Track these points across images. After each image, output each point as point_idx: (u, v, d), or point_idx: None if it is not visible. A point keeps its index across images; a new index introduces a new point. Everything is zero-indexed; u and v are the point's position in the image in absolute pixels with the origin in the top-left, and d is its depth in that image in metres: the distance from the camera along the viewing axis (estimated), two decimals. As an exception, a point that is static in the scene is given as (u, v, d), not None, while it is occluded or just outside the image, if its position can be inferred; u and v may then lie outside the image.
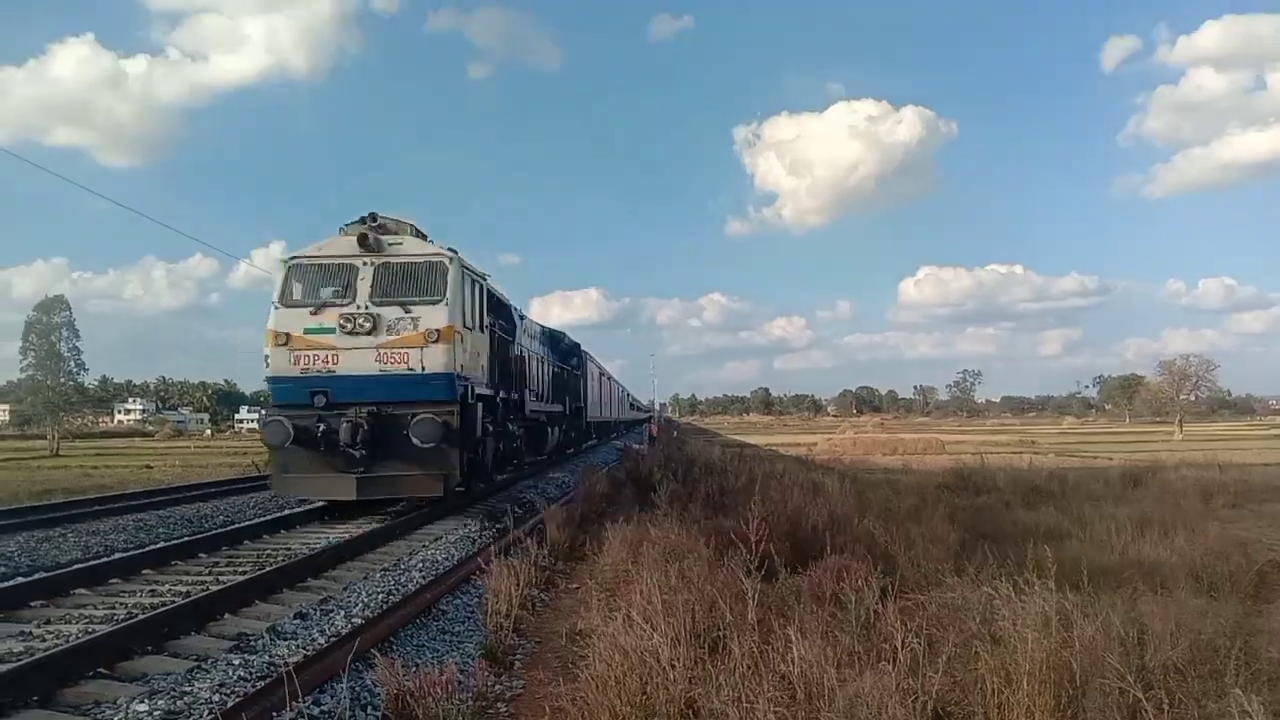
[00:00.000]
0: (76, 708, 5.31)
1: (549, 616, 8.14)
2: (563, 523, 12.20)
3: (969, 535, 11.79)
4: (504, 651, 6.93)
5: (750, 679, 4.81)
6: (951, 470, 24.12)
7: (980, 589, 6.98)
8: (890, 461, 36.80)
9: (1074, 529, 12.81)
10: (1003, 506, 17.14)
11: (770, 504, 12.01)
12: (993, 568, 8.60)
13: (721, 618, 6.44)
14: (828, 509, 11.36)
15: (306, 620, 7.41)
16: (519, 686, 6.22)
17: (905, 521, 11.76)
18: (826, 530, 10.52)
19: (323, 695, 5.43)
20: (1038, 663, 4.65)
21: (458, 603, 8.33)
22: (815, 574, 8.66)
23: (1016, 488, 20.21)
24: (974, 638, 5.41)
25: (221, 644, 6.68)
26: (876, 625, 5.97)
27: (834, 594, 7.51)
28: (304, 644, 6.73)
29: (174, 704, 5.27)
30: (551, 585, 9.39)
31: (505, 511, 14.58)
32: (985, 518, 14.66)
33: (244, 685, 5.69)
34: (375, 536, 11.72)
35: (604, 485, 17.77)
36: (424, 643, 7.00)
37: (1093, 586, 8.40)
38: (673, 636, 5.49)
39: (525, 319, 23.06)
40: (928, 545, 9.61)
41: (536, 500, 17.25)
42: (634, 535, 10.22)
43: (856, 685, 4.50)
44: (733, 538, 9.81)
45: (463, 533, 12.71)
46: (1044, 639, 4.90)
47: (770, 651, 5.29)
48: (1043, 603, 5.63)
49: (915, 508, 14.51)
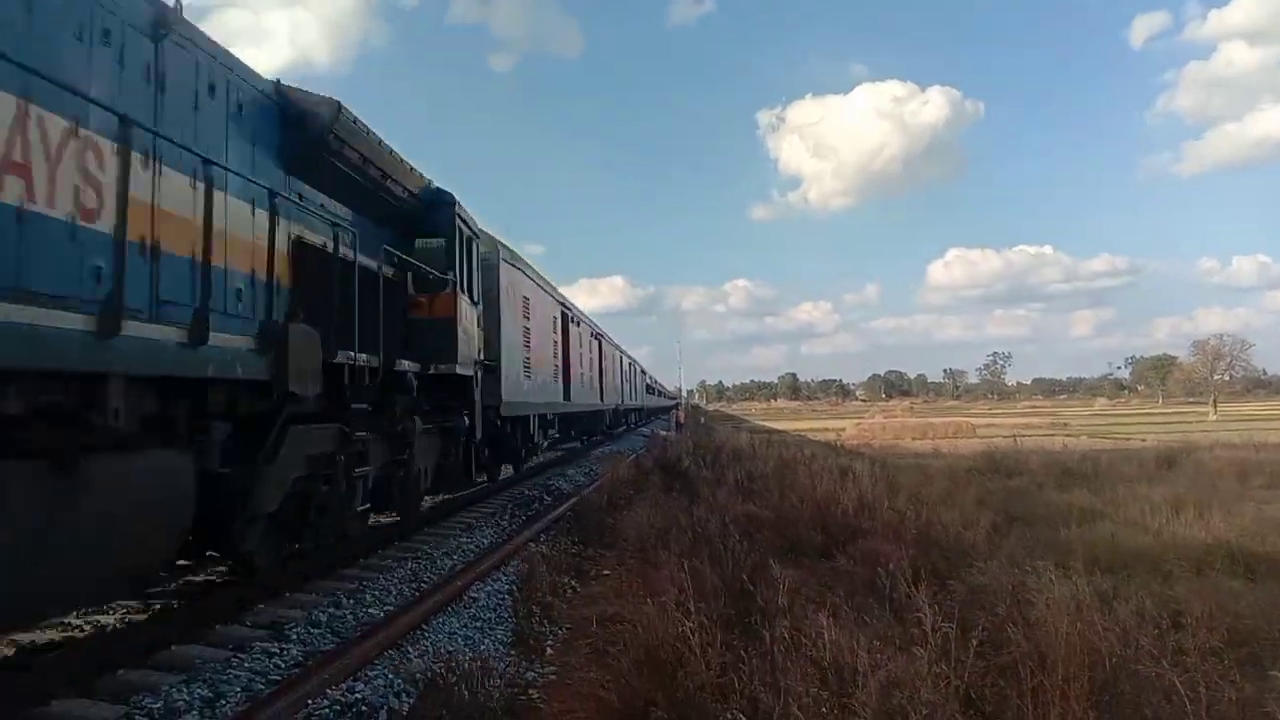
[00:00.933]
0: (116, 696, 5.39)
1: (579, 603, 8.15)
2: (591, 509, 12.25)
3: (1001, 518, 11.72)
4: (535, 638, 6.96)
5: (782, 663, 4.81)
6: (982, 454, 23.93)
7: (1012, 572, 6.95)
8: (920, 446, 36.54)
9: (1107, 511, 12.68)
10: (1035, 489, 16.99)
11: (799, 489, 12.00)
12: (1025, 550, 8.54)
13: (752, 602, 6.45)
14: (857, 493, 11.31)
15: (340, 608, 7.48)
16: (551, 672, 6.24)
17: (936, 505, 11.70)
18: (856, 515, 10.50)
19: (356, 683, 5.48)
20: (1072, 646, 4.61)
21: (488, 589, 8.37)
22: (846, 558, 8.65)
23: (1048, 470, 20.01)
24: (1006, 621, 5.37)
25: (256, 633, 6.75)
26: (907, 609, 5.94)
27: (864, 578, 7.49)
28: (337, 632, 6.80)
29: (211, 691, 5.35)
30: (581, 572, 9.41)
31: (535, 499, 14.67)
32: (1017, 500, 14.54)
33: (279, 673, 5.77)
34: (403, 527, 11.77)
35: (631, 472, 17.79)
36: (455, 630, 7.04)
37: (1127, 569, 8.33)
38: (703, 621, 5.49)
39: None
40: (959, 529, 9.55)
41: (565, 487, 17.31)
42: (663, 521, 10.24)
43: (889, 669, 4.48)
44: (762, 522, 9.82)
45: (493, 520, 12.77)
46: (1077, 622, 4.86)
47: (801, 636, 5.28)
48: (1076, 586, 5.58)
49: (946, 491, 14.44)
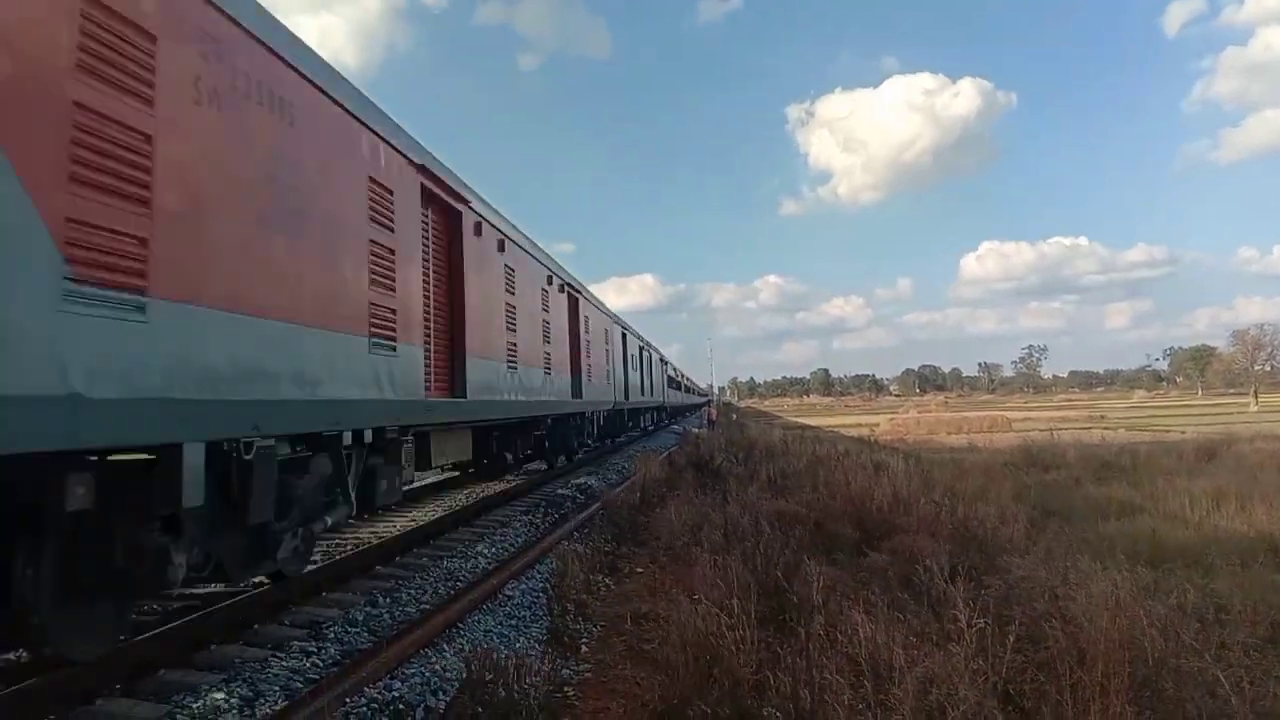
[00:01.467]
0: (158, 695, 5.47)
1: (613, 600, 8.16)
2: (623, 507, 12.26)
3: (1037, 512, 11.62)
4: (570, 635, 6.98)
5: (818, 660, 4.79)
6: (1019, 448, 23.76)
7: (1050, 567, 6.88)
8: (955, 440, 36.29)
9: (1147, 505, 12.53)
10: (1072, 483, 16.83)
11: (833, 485, 11.95)
12: (1063, 545, 8.46)
13: (786, 599, 6.43)
14: (892, 489, 11.24)
15: (377, 607, 7.54)
16: (586, 670, 6.26)
17: (972, 500, 11.61)
18: (891, 510, 10.44)
19: (393, 681, 5.53)
20: (1111, 641, 4.57)
21: (523, 588, 8.40)
22: (881, 554, 8.60)
23: (1086, 464, 19.83)
24: (1044, 617, 5.33)
25: (294, 632, 6.83)
26: (944, 605, 5.90)
27: (900, 574, 7.45)
28: (375, 630, 6.87)
29: (250, 690, 5.42)
30: (615, 569, 9.43)
31: (567, 498, 14.70)
32: (1054, 495, 14.42)
33: (316, 671, 5.84)
34: (442, 523, 11.86)
35: (663, 470, 17.78)
36: (491, 628, 7.08)
37: (1167, 563, 8.22)
38: (738, 618, 5.49)
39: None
40: (996, 524, 9.47)
41: (597, 486, 17.33)
42: (695, 518, 10.23)
43: (926, 665, 4.45)
44: (796, 519, 9.78)
45: (526, 519, 12.82)
46: (1117, 617, 4.81)
47: (837, 633, 5.26)
48: (1115, 580, 5.52)
49: (982, 486, 14.32)
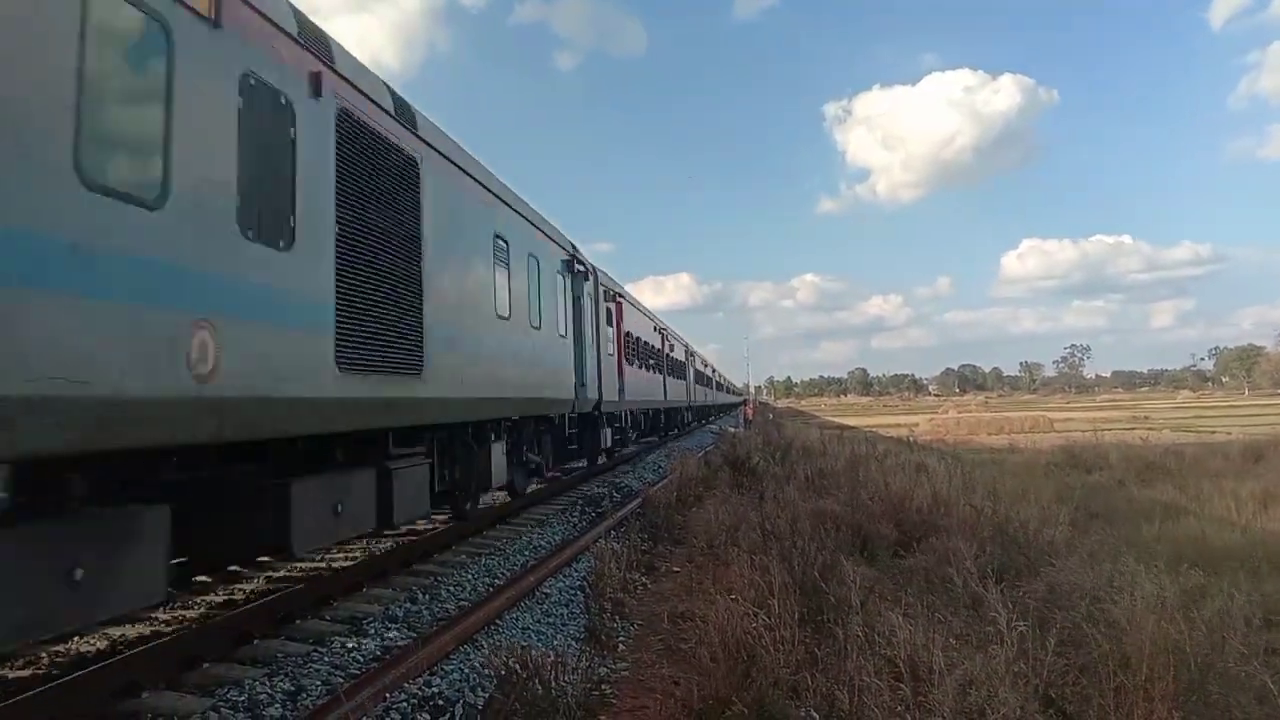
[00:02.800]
0: (202, 689, 5.57)
1: (650, 599, 8.17)
2: (660, 506, 12.26)
3: (1080, 514, 11.47)
4: (607, 634, 7.00)
5: (856, 661, 4.77)
6: (1061, 448, 23.47)
7: (1093, 569, 6.79)
8: (996, 441, 35.89)
9: (1192, 507, 12.33)
10: (1115, 484, 16.60)
11: (871, 485, 11.88)
12: (1106, 548, 8.35)
13: (824, 599, 6.40)
14: (931, 489, 11.15)
15: (416, 603, 7.62)
16: (623, 669, 6.27)
17: (1013, 501, 11.48)
18: (931, 511, 10.36)
19: (433, 677, 5.58)
20: (1156, 645, 4.50)
21: (560, 585, 8.44)
22: (920, 555, 8.54)
23: (1130, 465, 19.54)
24: (1086, 619, 5.26)
25: (335, 628, 6.92)
26: (984, 607, 5.84)
27: (940, 575, 7.40)
28: (414, 627, 6.93)
29: (292, 684, 5.50)
30: (651, 569, 9.43)
31: (604, 496, 14.74)
32: (1097, 496, 14.24)
33: (357, 667, 5.90)
34: (480, 523, 11.91)
35: (700, 469, 17.74)
36: (529, 625, 7.12)
37: (1213, 566, 8.09)
38: (775, 619, 5.48)
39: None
40: (1037, 526, 9.36)
41: (634, 484, 17.35)
42: (732, 518, 10.21)
43: (966, 668, 4.42)
44: (833, 519, 9.74)
45: (563, 517, 12.87)
46: (1161, 620, 4.73)
47: (875, 634, 5.23)
48: (1160, 583, 5.44)
49: (1023, 487, 14.16)
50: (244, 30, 5.78)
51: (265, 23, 6.07)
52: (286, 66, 6.31)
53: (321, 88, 6.75)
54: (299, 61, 6.51)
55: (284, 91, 6.24)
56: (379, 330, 7.50)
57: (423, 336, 8.45)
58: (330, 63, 6.99)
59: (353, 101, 7.36)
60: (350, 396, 6.94)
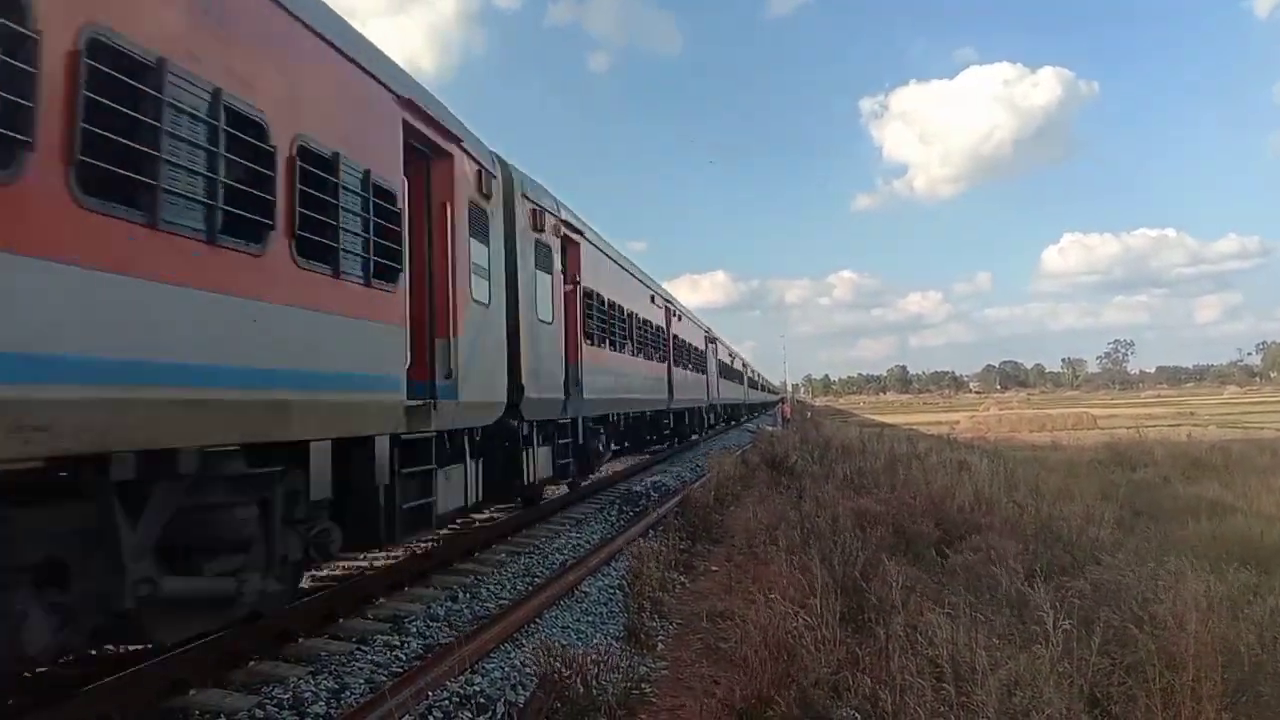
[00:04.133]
0: (247, 686, 5.64)
1: (688, 598, 8.17)
2: (698, 506, 12.25)
3: (1125, 512, 11.31)
4: (646, 633, 7.01)
5: (899, 661, 4.74)
6: (1104, 445, 23.17)
7: (1138, 568, 6.70)
8: (1038, 438, 35.45)
9: (1239, 504, 12.11)
10: (1161, 482, 16.35)
11: (912, 484, 11.80)
12: (1151, 546, 8.23)
13: (865, 599, 6.37)
14: (973, 487, 11.05)
15: (456, 602, 7.68)
16: (663, 668, 6.28)
17: (1056, 499, 11.34)
18: (973, 509, 10.27)
19: (474, 675, 5.62)
20: (1204, 644, 4.43)
21: (599, 584, 8.46)
22: (962, 554, 8.47)
23: (1175, 462, 19.24)
24: (1132, 619, 5.19)
25: (379, 626, 6.99)
26: (1027, 606, 5.78)
27: (982, 574, 7.33)
28: (455, 625, 6.98)
29: (336, 682, 5.57)
30: (690, 568, 9.43)
31: (642, 495, 14.75)
32: (1142, 494, 14.03)
33: (400, 665, 5.97)
34: (520, 520, 11.96)
35: (737, 468, 17.71)
36: (568, 624, 7.15)
37: (1264, 564, 7.94)
38: (816, 618, 5.46)
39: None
40: (1081, 524, 9.25)
41: (672, 484, 17.35)
42: (771, 517, 10.18)
43: (1009, 668, 4.38)
44: (874, 518, 9.68)
45: (601, 516, 12.91)
46: (1209, 619, 4.66)
47: (917, 634, 5.20)
48: (1207, 582, 5.35)
49: (1066, 485, 13.99)
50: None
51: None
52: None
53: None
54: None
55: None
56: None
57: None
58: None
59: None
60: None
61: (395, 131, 7.45)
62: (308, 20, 5.97)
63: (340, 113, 6.57)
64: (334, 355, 6.25)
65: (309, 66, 6.13)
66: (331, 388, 6.25)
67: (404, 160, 7.59)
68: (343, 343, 6.38)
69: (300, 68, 6.01)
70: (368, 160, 6.71)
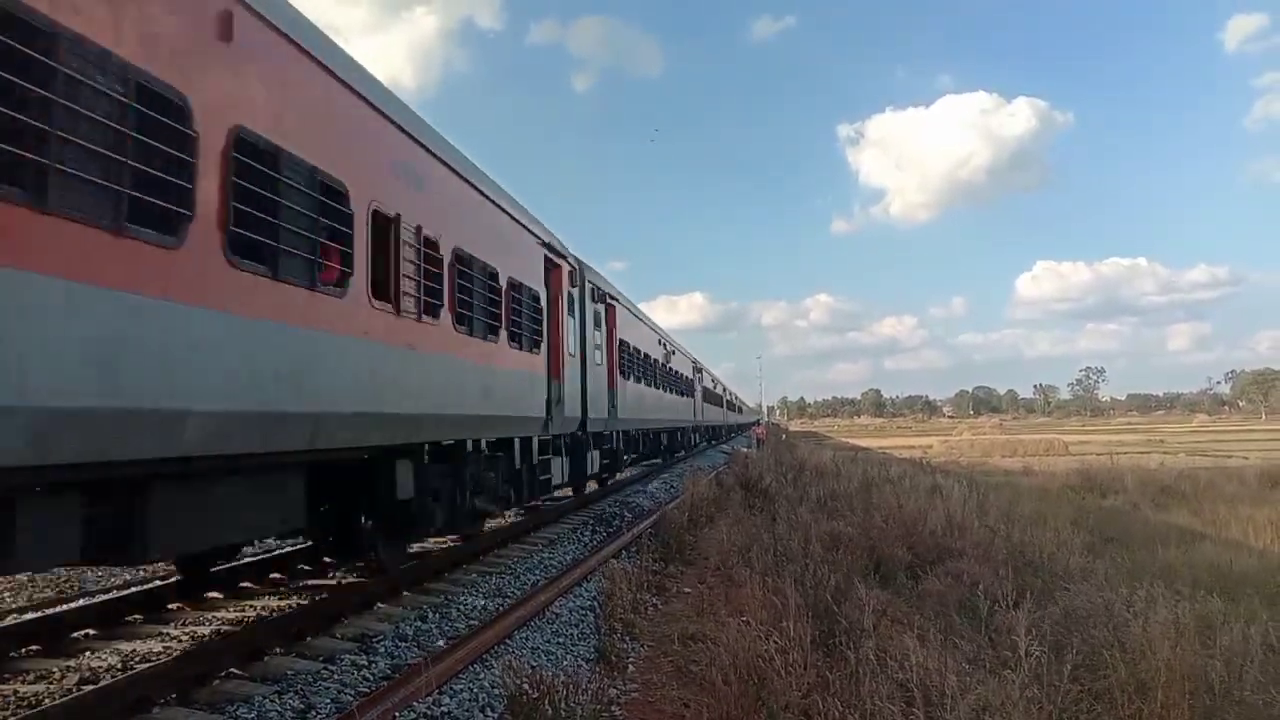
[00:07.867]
0: (212, 705, 5.55)
1: (660, 620, 8.14)
2: (672, 527, 12.22)
3: (1095, 538, 11.38)
4: (617, 655, 6.96)
5: (869, 685, 4.73)
6: (1076, 472, 23.35)
7: (1108, 594, 6.73)
8: (1010, 464, 35.72)
9: (1208, 531, 12.22)
10: (1131, 508, 16.49)
11: (885, 507, 11.82)
12: (1122, 572, 8.27)
13: (836, 622, 6.36)
14: (946, 512, 11.08)
15: (426, 622, 7.59)
16: (634, 690, 6.23)
17: (1028, 525, 11.40)
18: (945, 534, 10.30)
19: (442, 696, 5.55)
20: (1172, 671, 4.45)
21: (571, 605, 8.40)
22: (934, 578, 8.48)
23: (1145, 489, 19.42)
24: (1102, 645, 5.20)
25: (346, 645, 6.89)
26: (998, 631, 5.79)
27: (954, 599, 7.35)
28: (424, 646, 6.90)
29: (302, 702, 5.48)
30: (662, 589, 9.39)
31: (615, 515, 14.69)
32: (1113, 520, 14.14)
33: (367, 685, 5.88)
34: (492, 540, 11.89)
35: (711, 489, 17.70)
36: (539, 645, 7.08)
37: (1229, 592, 8.00)
38: (787, 642, 5.44)
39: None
40: (1053, 549, 9.29)
41: (646, 504, 17.31)
42: (744, 539, 10.17)
43: (979, 693, 4.37)
44: (846, 541, 9.68)
45: (574, 537, 12.84)
46: (1178, 647, 4.68)
47: (887, 657, 5.18)
48: (1176, 610, 5.38)
49: (1038, 511, 14.07)
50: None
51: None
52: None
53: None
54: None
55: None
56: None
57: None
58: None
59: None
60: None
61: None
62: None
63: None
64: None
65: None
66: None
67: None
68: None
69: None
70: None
